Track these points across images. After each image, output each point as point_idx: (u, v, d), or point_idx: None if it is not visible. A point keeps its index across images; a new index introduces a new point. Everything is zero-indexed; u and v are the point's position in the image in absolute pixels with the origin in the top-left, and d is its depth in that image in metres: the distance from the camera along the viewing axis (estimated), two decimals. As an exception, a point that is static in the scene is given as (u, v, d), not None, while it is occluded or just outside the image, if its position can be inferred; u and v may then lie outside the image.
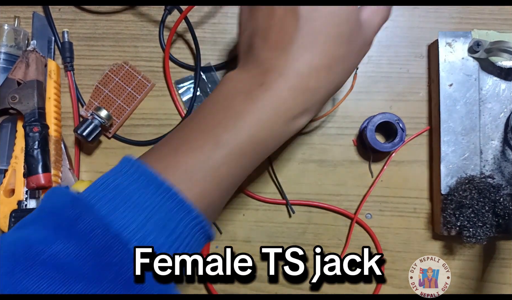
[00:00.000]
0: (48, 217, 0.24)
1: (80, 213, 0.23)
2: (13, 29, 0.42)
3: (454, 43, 0.41)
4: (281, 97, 0.28)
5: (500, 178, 0.40)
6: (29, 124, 0.39)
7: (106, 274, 0.22)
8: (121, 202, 0.24)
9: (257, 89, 0.28)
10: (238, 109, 0.27)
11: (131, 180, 0.25)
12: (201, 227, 0.26)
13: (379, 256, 0.29)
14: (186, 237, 0.25)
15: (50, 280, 0.21)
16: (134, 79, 0.44)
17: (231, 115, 0.27)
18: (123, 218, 0.23)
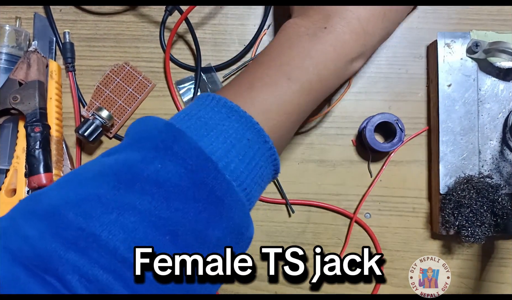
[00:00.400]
0: (143, 140, 0.25)
1: (174, 136, 0.25)
2: (15, 29, 0.42)
3: (453, 43, 0.41)
4: (344, 39, 0.30)
5: (499, 178, 0.41)
6: (30, 124, 0.39)
7: (202, 192, 0.24)
8: (206, 131, 0.25)
9: (321, 32, 0.30)
10: (305, 48, 0.29)
11: (214, 112, 0.26)
12: (274, 158, 0.28)
13: (379, 256, 0.30)
14: (261, 166, 0.27)
15: (151, 196, 0.23)
16: (135, 79, 0.44)
17: (299, 54, 0.29)
18: (210, 144, 0.25)
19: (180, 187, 0.23)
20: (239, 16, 0.45)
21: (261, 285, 0.44)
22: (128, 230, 0.22)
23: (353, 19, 0.30)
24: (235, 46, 0.45)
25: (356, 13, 0.30)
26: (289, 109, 0.29)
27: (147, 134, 0.26)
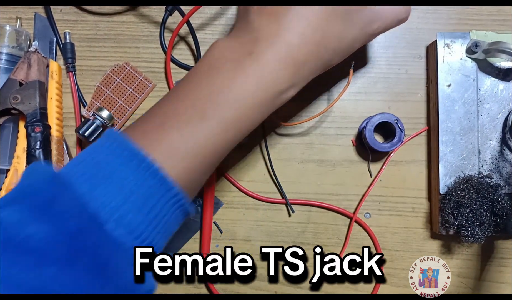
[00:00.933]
0: (25, 197, 0.23)
1: (57, 192, 0.23)
2: (15, 30, 0.42)
3: (452, 44, 0.41)
4: (271, 69, 0.27)
5: (498, 178, 0.41)
6: (31, 124, 0.39)
7: (81, 257, 0.21)
8: (102, 179, 0.23)
9: (245, 58, 0.27)
10: (224, 80, 0.26)
11: (114, 156, 0.24)
12: (181, 204, 0.25)
13: (379, 256, 0.30)
14: (165, 215, 0.24)
15: (22, 265, 0.20)
16: (135, 79, 0.45)
17: (217, 87, 0.26)
18: (103, 195, 0.23)
19: (54, 253, 0.21)
20: (239, 17, 0.45)
21: (261, 285, 0.44)
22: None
23: (282, 45, 0.27)
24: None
25: (286, 39, 0.27)
26: (203, 152, 0.26)
27: (31, 189, 0.24)
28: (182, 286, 0.44)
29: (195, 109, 0.26)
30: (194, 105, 0.26)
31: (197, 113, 0.26)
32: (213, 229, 0.44)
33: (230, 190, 0.44)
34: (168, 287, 0.44)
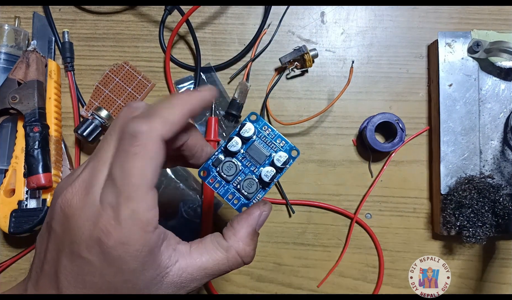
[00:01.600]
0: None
1: None
2: (14, 29, 0.42)
3: (453, 43, 0.41)
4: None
5: (500, 178, 0.40)
6: (29, 124, 0.39)
7: None
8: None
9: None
10: None
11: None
12: None
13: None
14: None
15: None
16: (134, 79, 0.44)
17: None
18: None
19: None
20: (239, 16, 0.45)
21: (261, 285, 0.44)
22: None
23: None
24: (235, 46, 0.45)
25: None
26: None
27: None
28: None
29: None
30: None
31: None
32: (213, 229, 0.44)
33: (230, 190, 0.44)
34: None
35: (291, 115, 0.44)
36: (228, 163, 0.28)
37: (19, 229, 0.39)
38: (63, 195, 0.22)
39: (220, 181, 0.28)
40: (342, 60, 0.45)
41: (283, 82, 0.45)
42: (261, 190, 0.28)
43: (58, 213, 0.22)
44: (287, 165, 0.28)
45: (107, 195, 0.21)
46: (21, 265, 0.44)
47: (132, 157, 0.20)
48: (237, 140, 0.27)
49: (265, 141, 0.29)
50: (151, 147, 0.21)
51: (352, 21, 0.45)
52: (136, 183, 0.20)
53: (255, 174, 0.28)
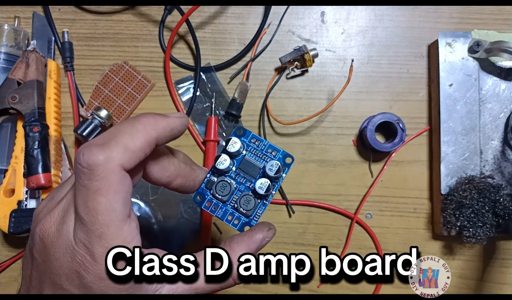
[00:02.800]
0: None
1: None
2: (13, 29, 0.42)
3: (454, 43, 0.41)
4: None
5: (500, 178, 0.40)
6: (29, 124, 0.39)
7: None
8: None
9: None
10: None
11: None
12: None
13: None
14: None
15: None
16: (134, 79, 0.44)
17: None
18: None
19: None
20: (239, 15, 0.45)
21: (261, 285, 0.43)
22: None
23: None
24: (235, 46, 0.45)
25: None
26: None
27: None
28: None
29: None
30: None
31: None
32: (213, 230, 0.44)
33: (230, 191, 0.44)
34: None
35: (291, 115, 0.44)
36: (221, 183, 0.26)
37: (18, 229, 0.39)
38: (42, 223, 0.21)
39: (217, 203, 0.27)
40: (342, 60, 0.44)
41: (283, 82, 0.44)
42: (260, 205, 0.27)
43: (37, 242, 0.21)
44: (283, 173, 0.27)
45: (78, 233, 0.19)
46: (21, 265, 0.44)
47: (94, 194, 0.19)
48: (224, 157, 0.26)
49: (256, 153, 0.27)
50: (112, 180, 0.19)
51: (352, 20, 0.45)
52: (105, 221, 0.19)
53: (251, 190, 0.27)
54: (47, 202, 0.22)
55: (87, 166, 0.19)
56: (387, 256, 0.29)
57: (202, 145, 0.44)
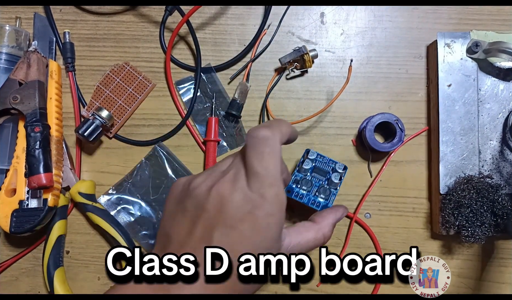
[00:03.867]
0: None
1: None
2: (15, 29, 0.42)
3: (453, 43, 0.41)
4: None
5: (499, 178, 0.41)
6: (30, 124, 0.39)
7: None
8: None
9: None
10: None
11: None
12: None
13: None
14: None
15: None
16: (135, 79, 0.44)
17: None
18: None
19: None
20: (239, 16, 0.45)
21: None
22: None
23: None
24: (235, 46, 0.45)
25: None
26: None
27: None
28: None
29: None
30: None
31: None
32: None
33: (230, 190, 0.44)
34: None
35: (291, 115, 0.44)
36: (304, 180, 0.39)
37: (20, 229, 0.39)
38: (219, 184, 0.27)
39: (302, 193, 0.40)
40: (341, 60, 0.45)
41: (283, 82, 0.45)
42: (332, 194, 0.39)
43: (214, 197, 0.27)
44: (343, 176, 0.40)
45: (255, 184, 0.26)
46: (22, 264, 0.44)
47: (268, 156, 0.27)
48: (307, 161, 0.40)
49: (321, 162, 0.41)
50: (278, 148, 0.27)
51: (352, 21, 0.45)
52: (274, 174, 0.27)
53: (325, 183, 0.40)
54: (206, 177, 0.29)
55: (262, 137, 0.27)
56: (387, 256, 0.30)
57: (203, 145, 0.44)
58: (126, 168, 0.44)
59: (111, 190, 0.44)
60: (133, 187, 0.44)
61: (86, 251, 0.44)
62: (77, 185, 0.42)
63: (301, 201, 0.39)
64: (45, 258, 0.41)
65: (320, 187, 0.39)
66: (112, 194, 0.44)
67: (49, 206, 0.40)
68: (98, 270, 0.44)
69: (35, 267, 0.44)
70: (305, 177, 0.40)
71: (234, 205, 0.26)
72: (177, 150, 0.44)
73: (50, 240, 0.42)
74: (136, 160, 0.44)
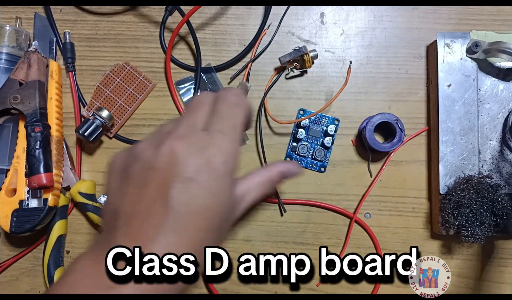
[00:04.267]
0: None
1: None
2: (15, 29, 0.42)
3: (452, 44, 0.41)
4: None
5: (498, 178, 0.41)
6: (30, 124, 0.39)
7: None
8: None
9: (104, 291, 0.23)
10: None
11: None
12: None
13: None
14: None
15: None
16: (135, 79, 0.44)
17: None
18: None
19: None
20: (239, 16, 0.45)
21: (261, 285, 0.44)
22: None
23: None
24: (235, 46, 0.45)
25: None
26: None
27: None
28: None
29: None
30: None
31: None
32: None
33: (230, 190, 0.44)
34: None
35: (291, 115, 0.44)
36: (301, 146, 0.43)
37: (20, 229, 0.39)
38: (168, 141, 0.25)
39: (301, 159, 0.44)
40: (341, 60, 0.45)
41: (282, 82, 0.45)
42: (327, 153, 0.44)
43: (164, 154, 0.25)
44: (335, 132, 0.44)
45: (216, 125, 0.26)
46: (22, 264, 0.44)
47: (235, 107, 0.27)
48: (301, 131, 0.43)
49: (315, 121, 0.44)
50: (246, 105, 0.28)
51: (352, 22, 0.45)
52: (240, 122, 0.27)
53: (319, 145, 0.44)
54: (150, 140, 0.27)
55: (234, 93, 0.28)
56: (387, 256, 0.30)
57: (203, 145, 0.44)
58: (126, 168, 0.44)
59: (111, 190, 0.44)
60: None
61: (86, 251, 0.44)
62: (78, 185, 0.42)
63: (301, 166, 0.44)
64: (46, 258, 0.41)
65: (315, 150, 0.43)
66: (112, 194, 0.44)
67: (49, 206, 0.40)
68: (98, 270, 0.44)
69: (35, 267, 0.44)
70: (302, 143, 0.43)
71: (190, 157, 0.24)
72: (177, 150, 0.45)
73: (50, 240, 0.42)
74: (136, 160, 0.44)
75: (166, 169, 0.24)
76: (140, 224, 0.24)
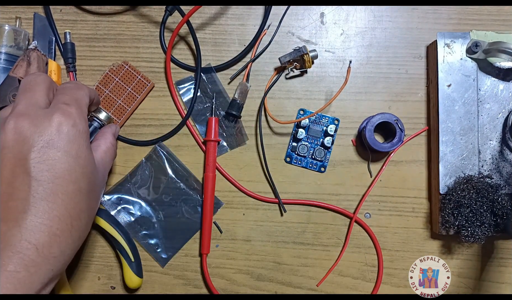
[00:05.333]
0: None
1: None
2: (13, 29, 0.42)
3: (452, 44, 0.41)
4: (20, 278, 0.23)
5: (498, 178, 0.41)
6: (30, 124, 0.39)
7: None
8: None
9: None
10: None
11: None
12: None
13: None
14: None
15: None
16: (134, 79, 0.44)
17: None
18: None
19: None
20: (239, 16, 0.45)
21: (261, 284, 0.44)
22: None
23: (30, 249, 0.24)
24: (235, 47, 0.45)
25: (33, 242, 0.24)
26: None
27: None
28: (182, 286, 0.44)
29: None
30: None
31: None
32: (213, 229, 0.44)
33: (230, 190, 0.44)
34: (168, 287, 0.44)
35: (291, 115, 0.44)
36: (301, 146, 0.43)
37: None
38: (9, 121, 0.26)
39: (301, 159, 0.44)
40: (341, 60, 0.45)
41: (282, 82, 0.45)
42: (327, 153, 0.44)
43: (9, 131, 0.25)
44: (335, 132, 0.44)
45: (59, 100, 0.28)
46: None
47: (76, 85, 0.32)
48: (301, 131, 0.43)
49: (315, 121, 0.44)
50: (87, 88, 0.33)
51: (352, 22, 0.45)
52: (82, 96, 0.30)
53: (319, 145, 0.44)
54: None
55: (76, 83, 0.33)
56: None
57: (203, 145, 0.44)
58: (126, 168, 0.44)
59: (111, 190, 0.44)
60: (133, 187, 0.44)
61: (86, 251, 0.44)
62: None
63: (300, 166, 0.44)
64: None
65: (315, 150, 0.43)
66: (112, 194, 0.44)
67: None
68: (98, 270, 0.44)
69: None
70: (302, 143, 0.43)
71: (38, 128, 0.25)
72: (177, 150, 0.45)
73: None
74: (136, 160, 0.44)
75: (16, 145, 0.25)
76: (5, 203, 0.24)
